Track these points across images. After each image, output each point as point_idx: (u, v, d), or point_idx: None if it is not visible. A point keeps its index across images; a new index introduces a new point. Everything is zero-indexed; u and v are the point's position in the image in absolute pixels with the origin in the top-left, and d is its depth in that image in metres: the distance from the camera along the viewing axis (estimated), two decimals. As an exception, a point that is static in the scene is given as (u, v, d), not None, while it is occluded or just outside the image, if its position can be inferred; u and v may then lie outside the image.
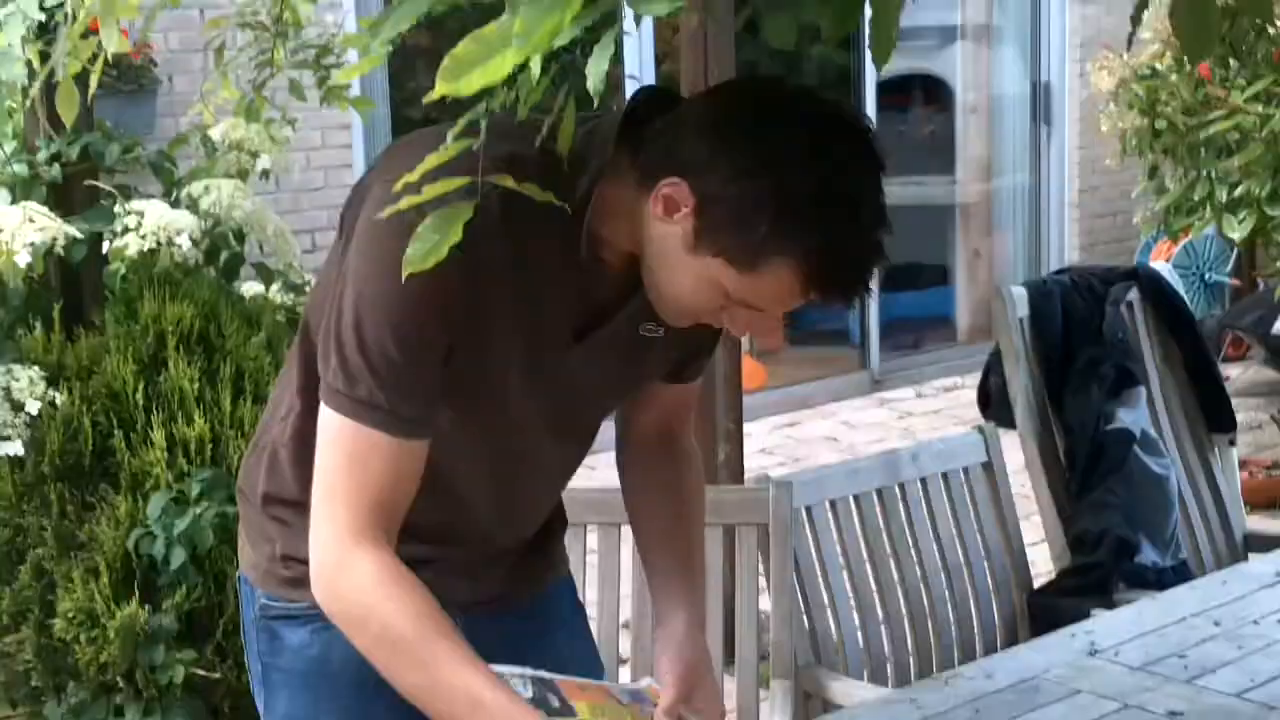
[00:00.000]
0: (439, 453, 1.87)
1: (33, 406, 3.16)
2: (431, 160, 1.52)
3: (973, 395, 4.03)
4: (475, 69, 1.27)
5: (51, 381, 3.25)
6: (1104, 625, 2.82)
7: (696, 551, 2.22)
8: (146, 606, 3.15)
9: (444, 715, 1.76)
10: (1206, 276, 8.64)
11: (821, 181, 1.69)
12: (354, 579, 1.77)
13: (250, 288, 3.67)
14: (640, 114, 1.80)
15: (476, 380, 1.86)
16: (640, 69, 7.57)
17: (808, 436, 7.63)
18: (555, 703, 1.88)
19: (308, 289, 3.71)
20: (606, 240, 1.83)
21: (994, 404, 3.86)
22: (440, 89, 1.31)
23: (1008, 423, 3.74)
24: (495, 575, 2.13)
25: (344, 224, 1.86)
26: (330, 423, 1.79)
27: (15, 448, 3.15)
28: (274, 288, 3.68)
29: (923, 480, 3.33)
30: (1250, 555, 3.84)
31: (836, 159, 1.71)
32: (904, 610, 3.27)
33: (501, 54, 1.27)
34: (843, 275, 1.75)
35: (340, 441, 1.78)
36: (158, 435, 3.24)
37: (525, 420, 1.95)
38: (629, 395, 2.14)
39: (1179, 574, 3.64)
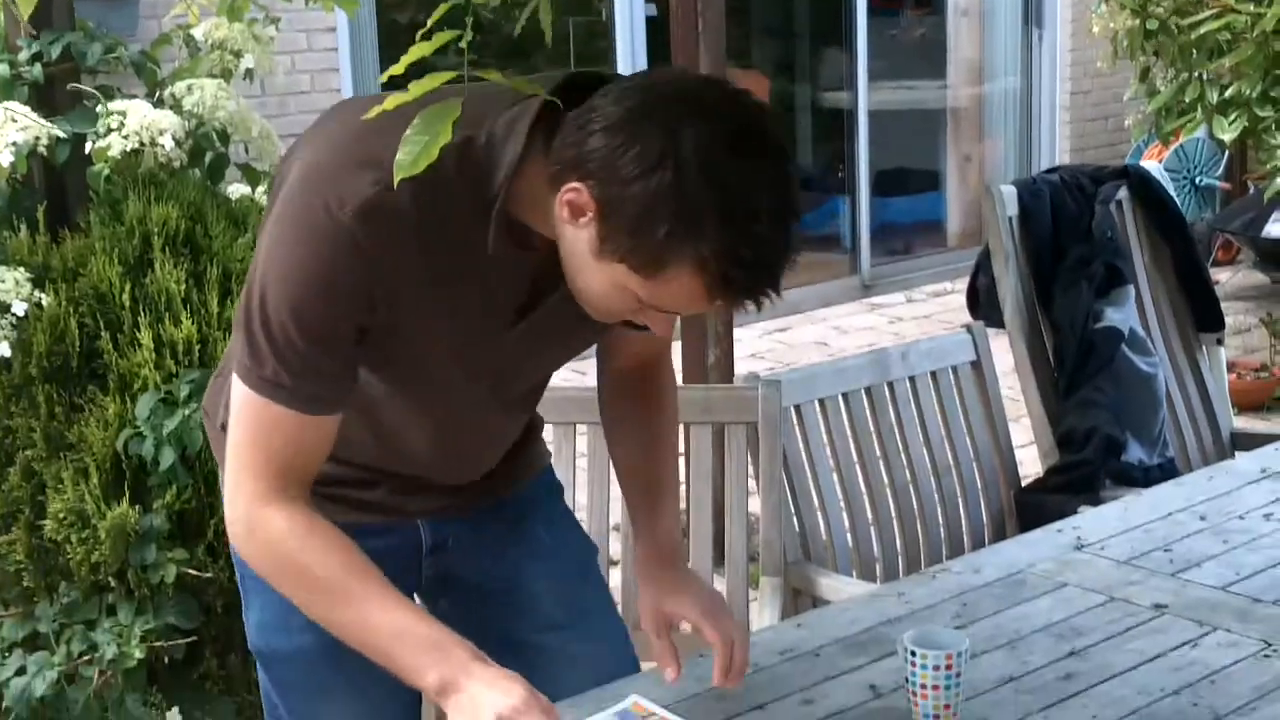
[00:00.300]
0: (379, 411, 1.92)
1: (19, 308, 3.14)
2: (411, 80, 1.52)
3: (964, 300, 4.04)
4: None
5: (37, 283, 3.22)
6: (1090, 521, 2.83)
7: (667, 479, 2.25)
8: (137, 507, 3.14)
9: (371, 649, 1.83)
10: (1197, 180, 8.62)
11: (719, 186, 1.64)
12: (267, 534, 1.83)
13: (236, 189, 3.64)
14: (563, 101, 1.74)
15: (401, 357, 1.89)
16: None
17: (798, 341, 7.64)
18: None
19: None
20: (532, 228, 1.82)
21: (983, 303, 3.87)
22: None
23: (996, 322, 3.75)
24: (448, 488, 2.15)
25: (272, 193, 1.86)
26: (239, 395, 1.83)
27: (2, 349, 3.13)
28: (259, 189, 3.65)
29: (911, 379, 3.34)
30: (1237, 454, 3.86)
31: (739, 164, 1.66)
32: (892, 508, 3.29)
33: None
34: (743, 281, 1.70)
35: (247, 414, 1.83)
36: (145, 337, 3.22)
37: (463, 393, 1.97)
38: (576, 355, 2.12)
39: (1165, 472, 3.66)
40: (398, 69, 1.52)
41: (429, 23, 1.49)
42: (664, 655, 2.10)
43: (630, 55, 7.63)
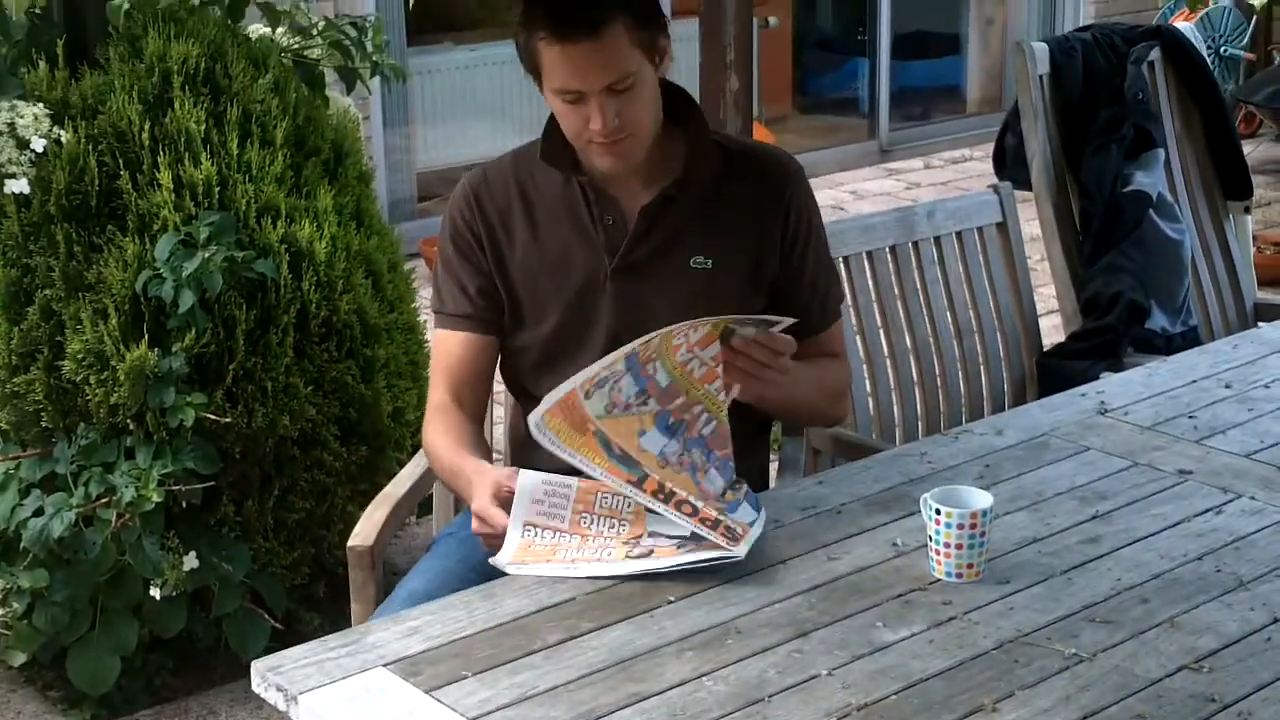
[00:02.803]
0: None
1: (38, 144, 3.10)
2: None
3: (981, 167, 4.00)
4: None
5: (56, 119, 3.18)
6: (1114, 386, 2.82)
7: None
8: (156, 349, 3.13)
9: (453, 486, 2.45)
10: (1222, 50, 8.51)
11: None
12: (428, 433, 2.47)
13: (256, 29, 3.59)
14: None
15: (524, 306, 2.43)
16: None
17: (814, 204, 7.58)
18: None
19: (314, 32, 3.64)
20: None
21: (1009, 163, 3.81)
22: None
23: (1023, 183, 3.70)
24: None
25: None
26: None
27: (21, 186, 3.09)
28: (280, 30, 3.59)
29: (937, 239, 3.31)
30: (1260, 324, 3.83)
31: None
32: (914, 371, 3.27)
33: None
34: (554, 20, 2.23)
35: (433, 344, 2.53)
36: (164, 177, 3.19)
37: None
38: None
39: (1188, 340, 3.64)
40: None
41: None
42: None
43: None
